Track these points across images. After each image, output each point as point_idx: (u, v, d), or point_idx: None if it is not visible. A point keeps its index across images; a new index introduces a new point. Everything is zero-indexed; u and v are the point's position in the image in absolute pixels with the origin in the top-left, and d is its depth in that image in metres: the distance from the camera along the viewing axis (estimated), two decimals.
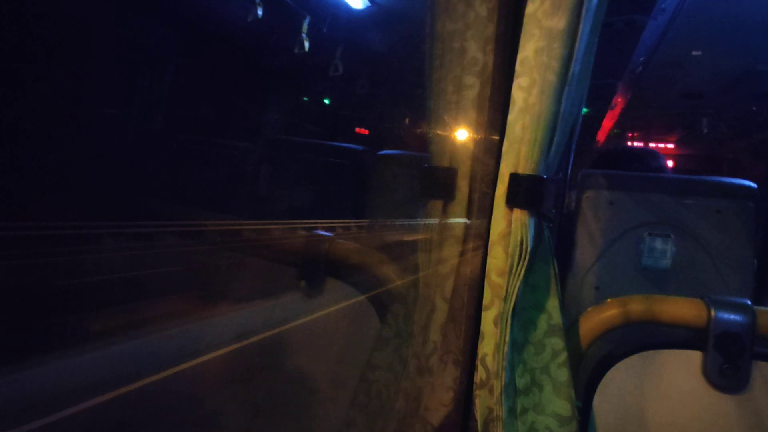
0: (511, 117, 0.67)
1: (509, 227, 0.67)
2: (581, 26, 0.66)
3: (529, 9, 0.65)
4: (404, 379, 0.82)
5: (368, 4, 2.69)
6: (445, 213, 0.80)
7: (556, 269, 0.71)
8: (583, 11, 0.65)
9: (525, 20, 0.66)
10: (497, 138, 0.70)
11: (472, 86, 0.74)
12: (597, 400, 0.70)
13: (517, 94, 0.67)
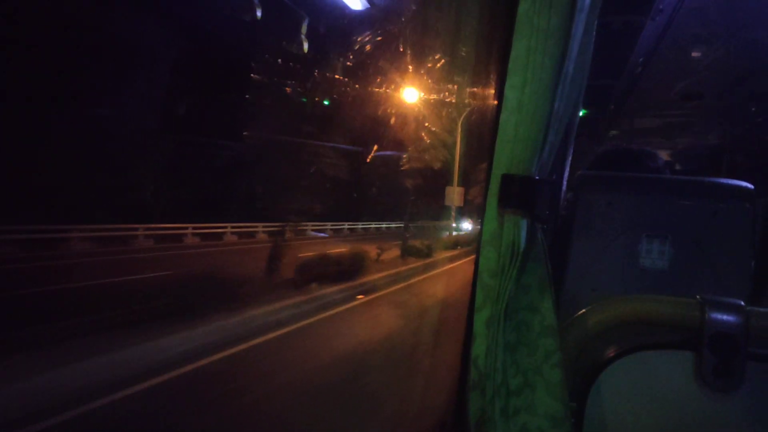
0: (503, 116, 0.67)
1: (501, 228, 0.67)
2: (574, 25, 0.65)
3: (522, 7, 0.65)
4: (398, 381, 0.81)
5: (366, 5, 2.69)
6: (435, 214, 0.80)
7: (550, 270, 0.71)
8: (576, 10, 0.65)
9: (517, 19, 0.65)
10: (489, 138, 0.70)
11: (464, 85, 0.74)
12: (591, 401, 0.70)
13: (510, 93, 0.66)
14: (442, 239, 16.47)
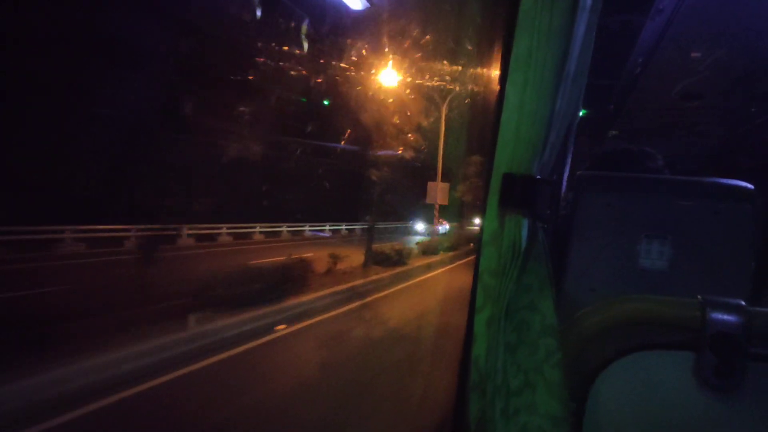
0: (504, 116, 0.67)
1: (502, 228, 0.67)
2: (576, 25, 0.65)
3: (524, 7, 0.65)
4: (398, 381, 0.81)
5: (366, 4, 2.70)
6: (437, 213, 0.80)
7: (550, 270, 0.71)
8: (578, 10, 0.65)
9: (519, 18, 0.65)
10: (491, 137, 0.70)
11: (466, 84, 0.74)
12: (591, 401, 0.69)
13: (511, 93, 0.66)
14: (422, 243, 13.75)
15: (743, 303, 0.66)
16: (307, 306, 6.81)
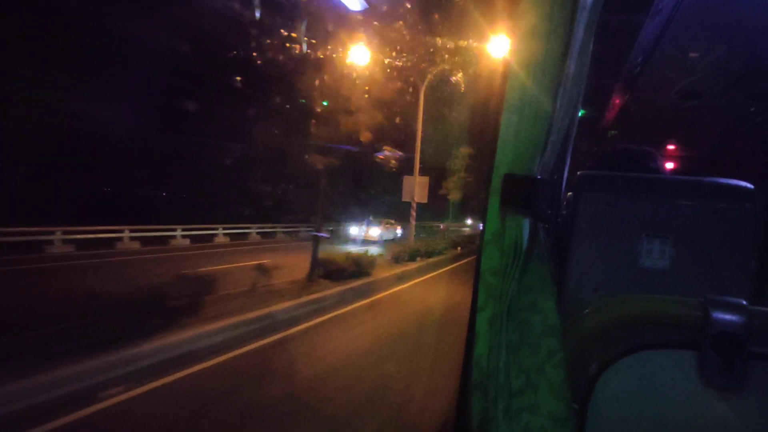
0: (504, 116, 0.67)
1: (503, 227, 0.67)
2: (575, 26, 0.65)
3: (523, 8, 0.65)
4: (399, 381, 0.81)
5: (365, 5, 2.70)
6: (438, 213, 0.80)
7: (552, 270, 0.71)
8: (578, 11, 0.65)
9: (519, 20, 0.66)
10: (491, 138, 0.70)
11: (467, 85, 0.74)
12: (593, 401, 0.70)
13: (511, 94, 0.67)
14: (392, 248, 11.68)
15: (744, 302, 0.66)
16: (187, 347, 4.40)
